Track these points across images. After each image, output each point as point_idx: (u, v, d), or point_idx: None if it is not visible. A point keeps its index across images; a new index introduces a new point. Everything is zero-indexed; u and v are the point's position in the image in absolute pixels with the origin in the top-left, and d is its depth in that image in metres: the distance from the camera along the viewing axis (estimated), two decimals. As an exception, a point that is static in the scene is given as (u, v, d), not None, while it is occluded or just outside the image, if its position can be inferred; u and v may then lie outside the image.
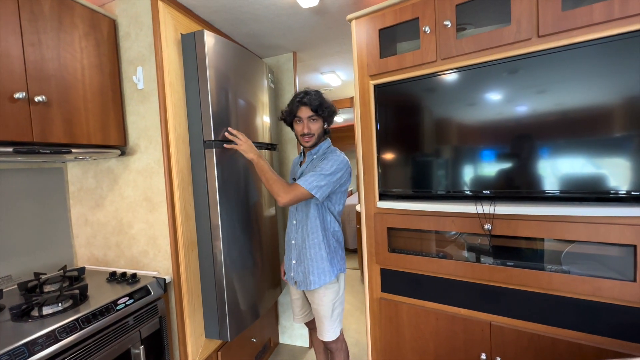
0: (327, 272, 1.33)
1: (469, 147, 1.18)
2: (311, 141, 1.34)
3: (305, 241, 1.35)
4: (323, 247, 1.33)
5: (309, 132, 1.32)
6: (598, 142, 0.97)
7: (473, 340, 1.21)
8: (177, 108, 1.34)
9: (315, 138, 1.34)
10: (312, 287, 1.34)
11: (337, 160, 1.28)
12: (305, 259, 1.36)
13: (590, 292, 1.00)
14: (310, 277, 1.34)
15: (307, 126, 1.32)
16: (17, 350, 0.82)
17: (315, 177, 1.24)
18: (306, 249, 1.35)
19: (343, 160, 1.31)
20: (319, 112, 1.30)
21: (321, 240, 1.33)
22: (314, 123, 1.33)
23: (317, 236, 1.34)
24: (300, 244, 1.38)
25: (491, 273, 1.15)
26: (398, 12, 1.26)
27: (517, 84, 1.06)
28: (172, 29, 1.33)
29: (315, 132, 1.33)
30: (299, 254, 1.39)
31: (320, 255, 1.33)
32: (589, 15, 0.93)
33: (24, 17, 1.02)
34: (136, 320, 1.16)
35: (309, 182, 1.23)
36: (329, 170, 1.25)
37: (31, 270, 1.34)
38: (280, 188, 1.25)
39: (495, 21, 1.16)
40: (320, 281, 1.33)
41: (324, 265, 1.33)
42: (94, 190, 1.47)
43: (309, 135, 1.33)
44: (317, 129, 1.33)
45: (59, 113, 1.11)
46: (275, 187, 1.26)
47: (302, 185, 1.23)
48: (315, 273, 1.33)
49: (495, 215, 1.11)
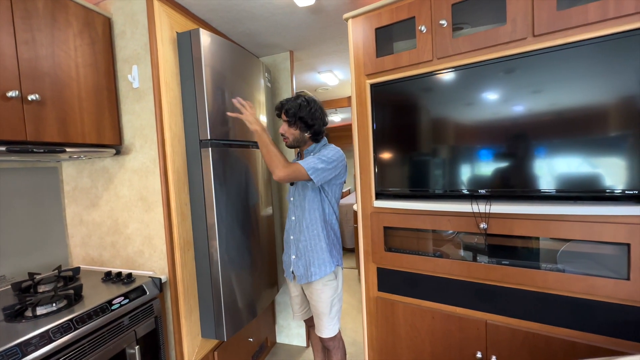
0: (327, 262, 1.36)
1: (466, 147, 1.19)
2: (287, 142, 1.41)
3: (305, 233, 1.38)
4: (323, 238, 1.36)
5: (282, 133, 1.40)
6: (593, 142, 0.97)
7: (469, 338, 1.21)
8: (172, 107, 1.33)
9: (290, 141, 1.40)
10: (313, 278, 1.35)
11: (333, 150, 1.34)
12: (306, 251, 1.37)
13: (584, 291, 1.01)
14: (311, 268, 1.36)
15: (283, 127, 1.40)
16: (10, 351, 0.81)
17: (314, 159, 1.28)
18: (307, 241, 1.38)
19: (338, 151, 1.36)
20: (290, 120, 1.36)
21: (320, 232, 1.36)
22: (289, 128, 1.38)
23: (317, 227, 1.36)
24: (299, 238, 1.40)
25: (487, 272, 1.16)
26: (394, 11, 1.26)
27: (513, 84, 1.06)
28: (168, 28, 1.32)
29: (290, 136, 1.39)
30: (299, 248, 1.40)
31: (320, 246, 1.36)
32: (583, 14, 0.93)
33: (17, 15, 1.01)
34: (131, 320, 1.15)
35: (307, 162, 1.27)
36: (326, 156, 1.30)
37: (25, 270, 1.33)
38: (279, 162, 1.27)
39: (492, 20, 1.17)
40: (321, 272, 1.35)
41: (324, 255, 1.36)
42: (89, 190, 1.46)
43: (284, 136, 1.41)
44: (291, 133, 1.38)
45: (53, 112, 1.10)
46: (275, 160, 1.28)
47: (302, 164, 1.26)
48: (316, 264, 1.36)
49: (490, 214, 1.11)
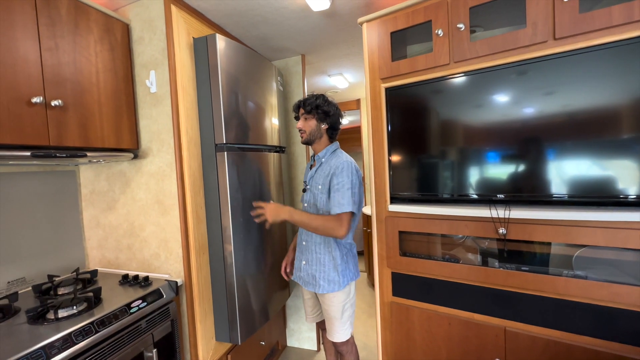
0: (337, 282, 1.34)
1: (484, 150, 1.17)
2: (303, 137, 1.40)
3: (318, 247, 1.36)
4: (335, 256, 1.34)
5: (299, 127, 1.40)
6: (617, 144, 0.95)
7: (487, 345, 1.19)
8: (189, 111, 1.35)
9: (307, 135, 1.39)
10: (320, 291, 1.35)
11: (347, 171, 1.28)
12: (318, 264, 1.36)
13: (607, 298, 0.99)
14: (320, 281, 1.35)
15: (299, 122, 1.41)
16: (35, 354, 0.82)
17: (341, 195, 1.25)
18: (319, 255, 1.36)
19: (350, 166, 1.30)
20: (310, 111, 1.36)
21: (333, 249, 1.34)
22: (306, 121, 1.38)
23: (329, 245, 1.35)
24: (311, 248, 1.39)
25: (505, 278, 1.14)
26: (410, 15, 1.26)
27: (526, 86, 1.05)
28: (185, 33, 1.34)
29: (307, 129, 1.38)
30: (310, 257, 1.39)
31: (332, 264, 1.34)
32: (607, 17, 0.92)
33: (42, 22, 1.03)
34: (149, 324, 1.16)
35: (341, 204, 1.24)
36: (346, 183, 1.26)
37: (44, 272, 1.36)
38: (331, 226, 1.23)
39: (507, 24, 1.16)
40: (329, 288, 1.34)
41: (333, 275, 1.34)
42: (106, 193, 1.48)
43: (301, 131, 1.40)
44: (308, 125, 1.37)
45: (75, 117, 1.12)
46: (326, 228, 1.24)
47: (340, 211, 1.23)
48: (325, 279, 1.34)
49: (510, 219, 1.10)
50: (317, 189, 1.36)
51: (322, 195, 1.35)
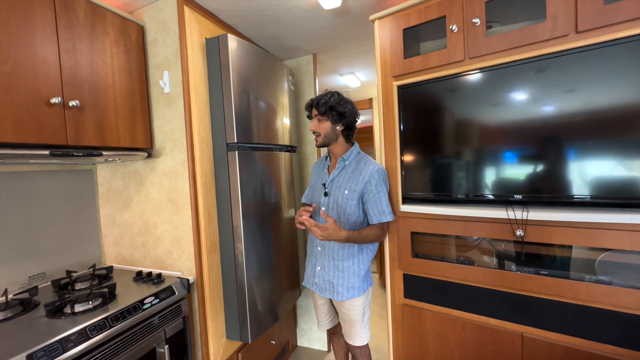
0: (357, 288, 1.30)
1: (501, 150, 1.13)
2: (318, 140, 1.33)
3: (337, 253, 1.30)
4: (359, 262, 1.31)
5: (313, 130, 1.33)
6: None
7: (502, 351, 1.15)
8: (201, 111, 1.36)
9: (322, 138, 1.32)
10: (340, 298, 1.30)
11: (381, 175, 1.29)
12: (336, 270, 1.31)
13: (634, 305, 0.93)
14: (339, 288, 1.30)
15: (313, 124, 1.33)
16: (52, 347, 0.85)
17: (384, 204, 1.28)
18: (337, 261, 1.31)
19: (384, 172, 1.33)
20: (324, 112, 1.28)
21: (356, 254, 1.30)
22: (320, 123, 1.31)
23: (353, 250, 1.30)
24: (329, 254, 1.32)
25: (523, 282, 1.10)
26: (423, 11, 1.23)
27: (544, 83, 1.00)
28: (197, 34, 1.36)
29: (321, 131, 1.31)
30: (327, 263, 1.33)
31: (354, 270, 1.30)
32: (634, 8, 0.87)
33: (60, 25, 1.06)
34: (161, 320, 1.18)
35: (384, 213, 1.28)
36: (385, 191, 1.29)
37: (63, 267, 1.40)
38: (380, 236, 1.31)
39: (525, 18, 1.11)
40: (349, 295, 1.30)
41: (354, 281, 1.30)
42: (122, 192, 1.52)
43: (316, 134, 1.33)
44: (322, 127, 1.31)
45: (91, 117, 1.16)
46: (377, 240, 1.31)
47: (385, 220, 1.28)
48: (345, 286, 1.30)
49: (528, 221, 1.06)
50: (342, 194, 1.29)
51: (351, 202, 1.27)
